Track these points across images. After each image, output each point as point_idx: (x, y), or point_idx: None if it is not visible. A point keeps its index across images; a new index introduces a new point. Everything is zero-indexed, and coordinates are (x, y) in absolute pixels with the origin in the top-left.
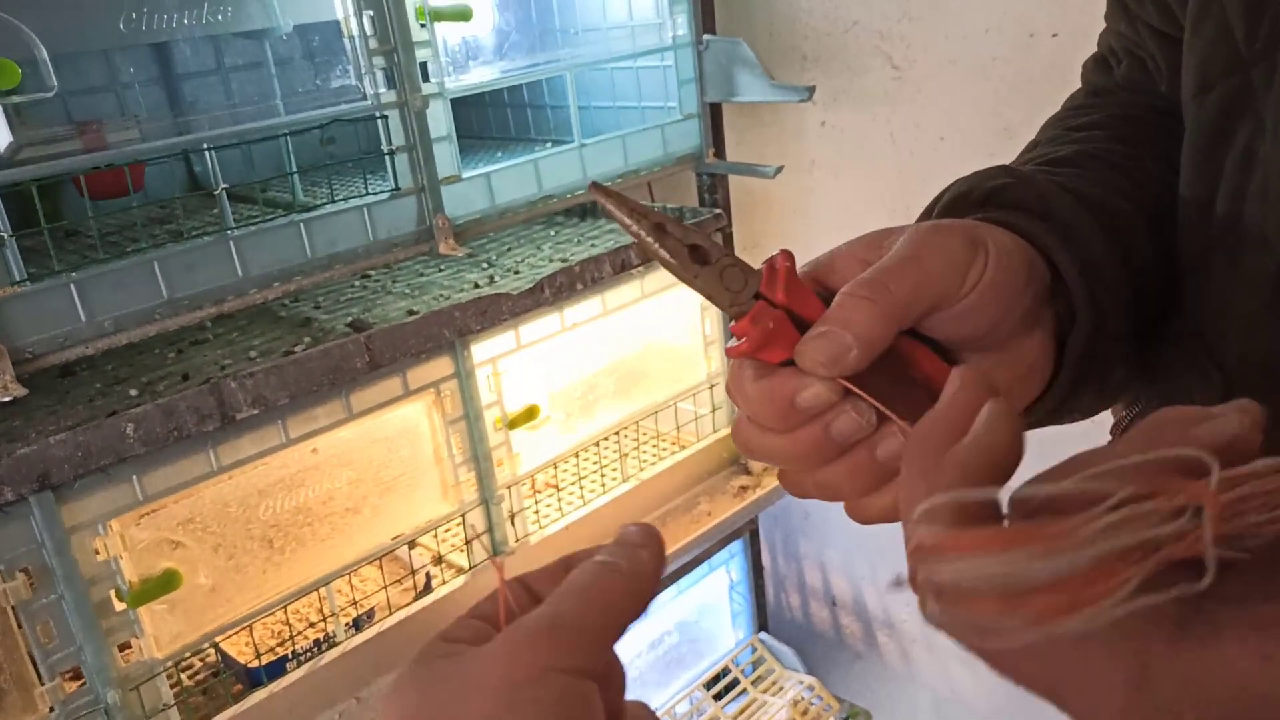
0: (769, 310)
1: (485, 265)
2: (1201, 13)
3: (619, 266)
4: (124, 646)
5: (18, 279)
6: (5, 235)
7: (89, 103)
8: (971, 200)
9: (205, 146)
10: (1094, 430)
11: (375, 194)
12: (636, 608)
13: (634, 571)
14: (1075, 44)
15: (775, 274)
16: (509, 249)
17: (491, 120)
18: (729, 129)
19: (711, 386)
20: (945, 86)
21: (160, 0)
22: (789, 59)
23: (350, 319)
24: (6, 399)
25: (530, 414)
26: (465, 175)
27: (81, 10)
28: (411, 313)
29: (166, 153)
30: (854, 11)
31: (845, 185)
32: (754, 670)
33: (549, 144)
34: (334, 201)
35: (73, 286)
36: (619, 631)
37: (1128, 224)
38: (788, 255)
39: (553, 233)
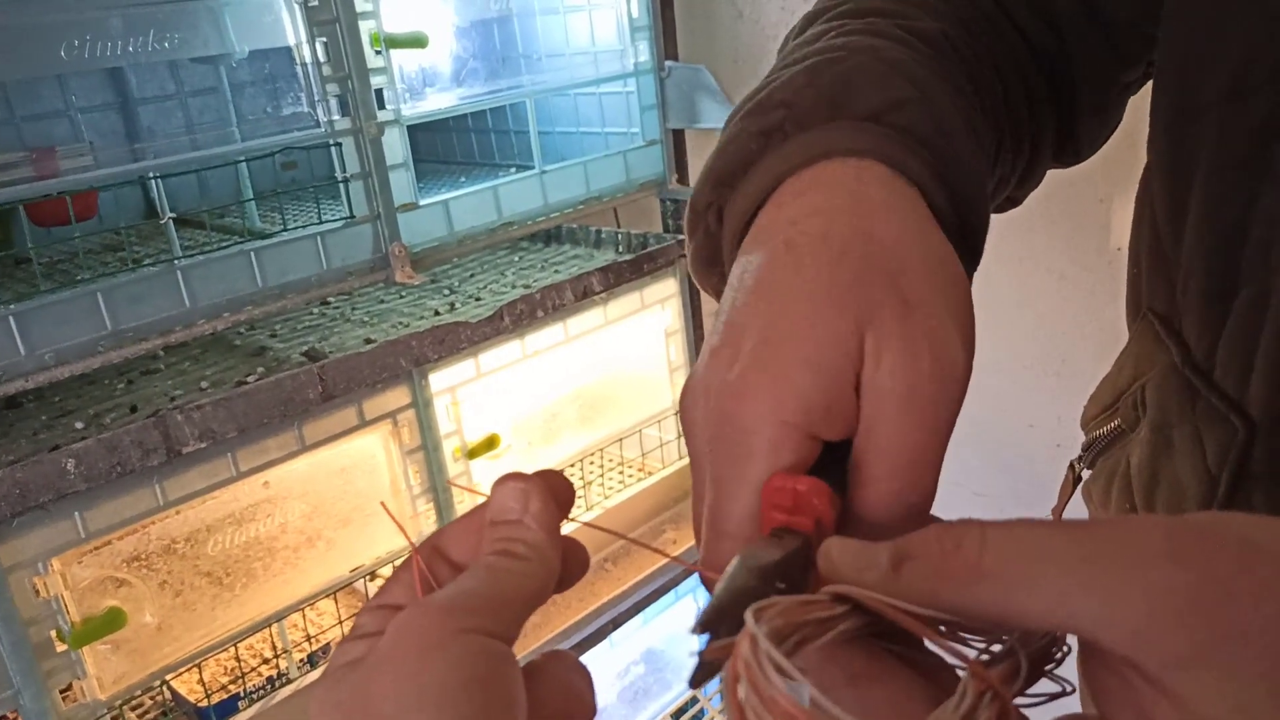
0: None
1: (446, 292)
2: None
3: (580, 294)
4: (65, 689)
5: None
6: None
7: (42, 128)
8: (816, 109)
9: (152, 175)
10: (1060, 455)
11: (329, 222)
12: (546, 587)
13: (538, 557)
14: None
15: (822, 527)
16: (471, 275)
17: (455, 145)
18: (692, 154)
19: (676, 412)
20: None
21: (105, 27)
22: (750, 85)
23: (306, 348)
24: None
25: (491, 443)
26: (422, 203)
27: (21, 36)
28: (369, 341)
29: (114, 181)
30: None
31: None
32: (722, 700)
33: (512, 169)
34: (286, 229)
35: (11, 319)
36: (529, 606)
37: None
38: (794, 489)
39: (516, 258)
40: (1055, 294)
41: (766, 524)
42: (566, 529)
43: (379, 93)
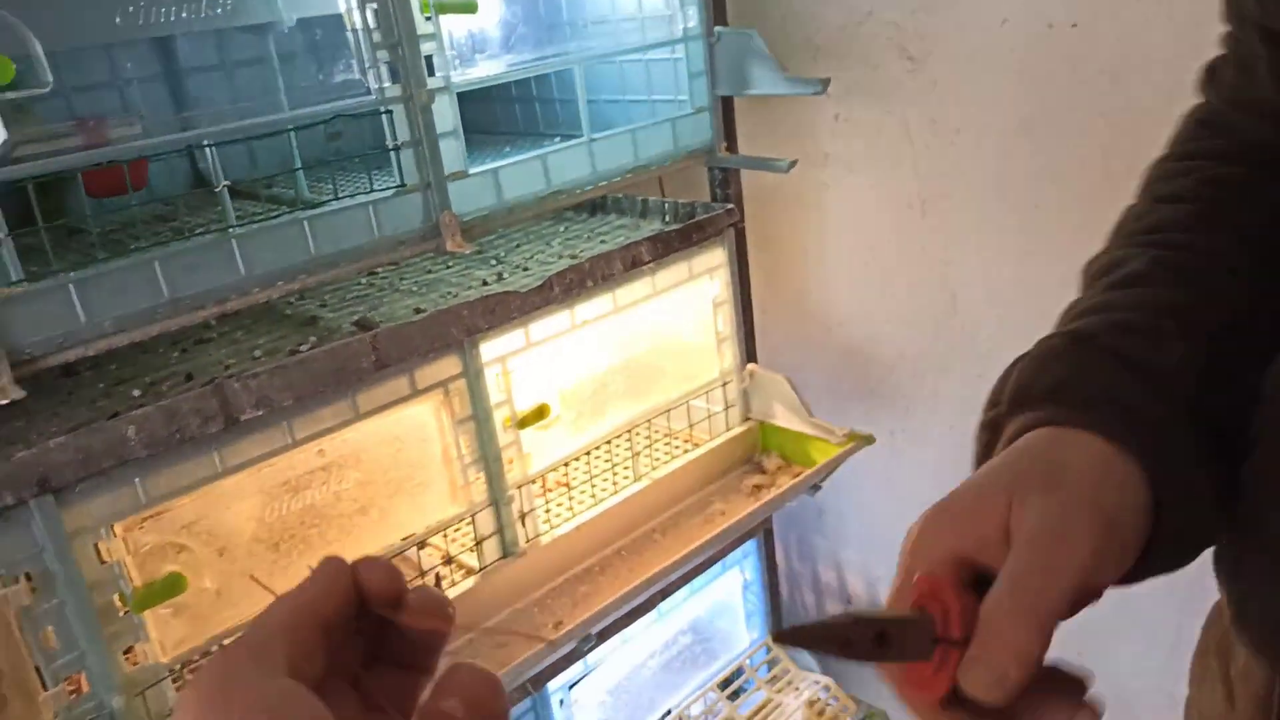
0: (949, 652)
1: (494, 262)
2: None
3: (629, 263)
4: (128, 651)
5: (15, 280)
6: (1, 235)
7: (91, 99)
8: (1034, 395)
9: (206, 143)
10: None
11: (380, 191)
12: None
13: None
14: (1095, 35)
15: (948, 614)
16: (518, 245)
17: (499, 115)
18: (741, 123)
19: (724, 384)
20: (962, 79)
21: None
22: (801, 51)
23: (356, 317)
24: (5, 401)
25: (540, 413)
26: (472, 171)
27: (77, 4)
28: (419, 311)
29: (167, 149)
30: (868, 2)
31: (859, 179)
32: (769, 670)
33: (558, 138)
34: (338, 199)
35: (72, 287)
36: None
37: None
38: (933, 580)
39: (562, 229)
40: None
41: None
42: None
43: (429, 60)
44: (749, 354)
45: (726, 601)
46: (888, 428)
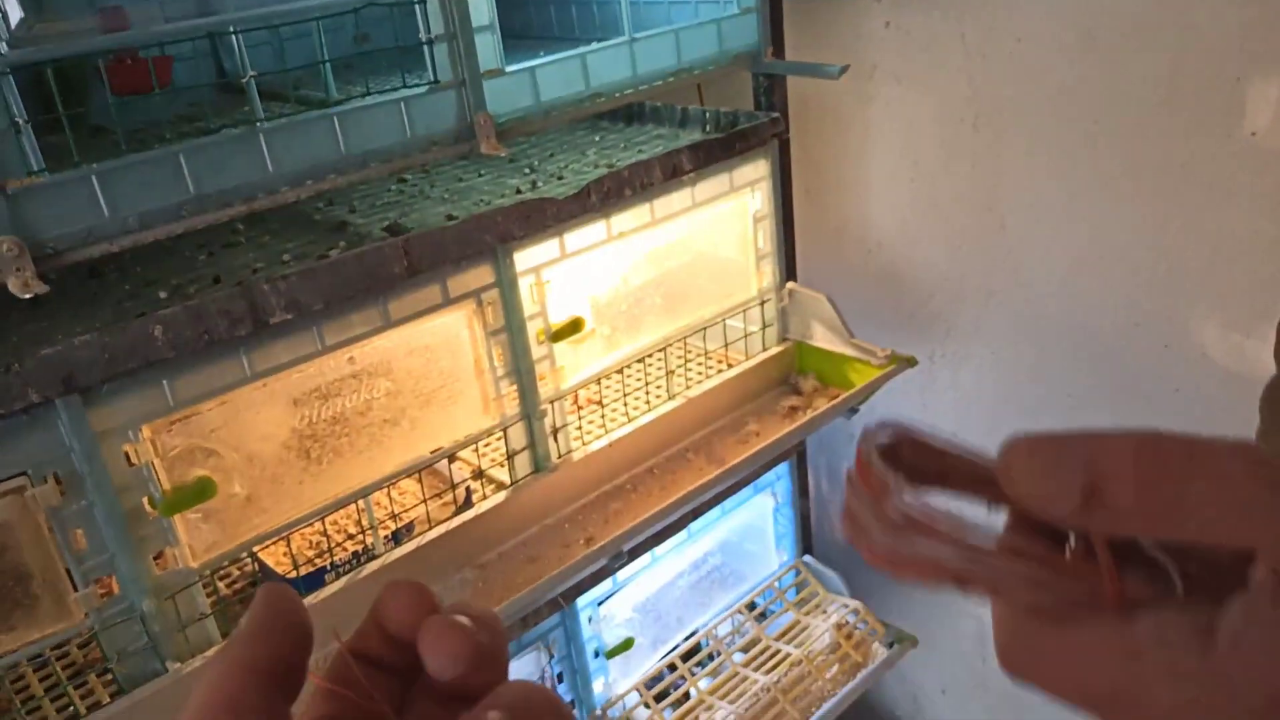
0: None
1: (527, 170)
2: None
3: (670, 172)
4: (158, 555)
5: (35, 170)
6: (20, 121)
7: None
8: None
9: (231, 30)
10: (1169, 356)
11: (413, 87)
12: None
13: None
14: None
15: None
16: (552, 154)
17: (533, 17)
18: (790, 25)
19: (763, 302)
20: None
21: None
22: None
23: (387, 223)
24: (28, 295)
25: (575, 326)
26: (509, 70)
27: None
28: (451, 218)
29: (190, 35)
30: None
31: (909, 92)
32: (797, 593)
33: (594, 44)
34: (369, 94)
35: (94, 179)
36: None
37: None
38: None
39: (598, 138)
40: (1170, 188)
41: None
42: None
43: None
44: (789, 272)
45: (756, 524)
46: (926, 351)
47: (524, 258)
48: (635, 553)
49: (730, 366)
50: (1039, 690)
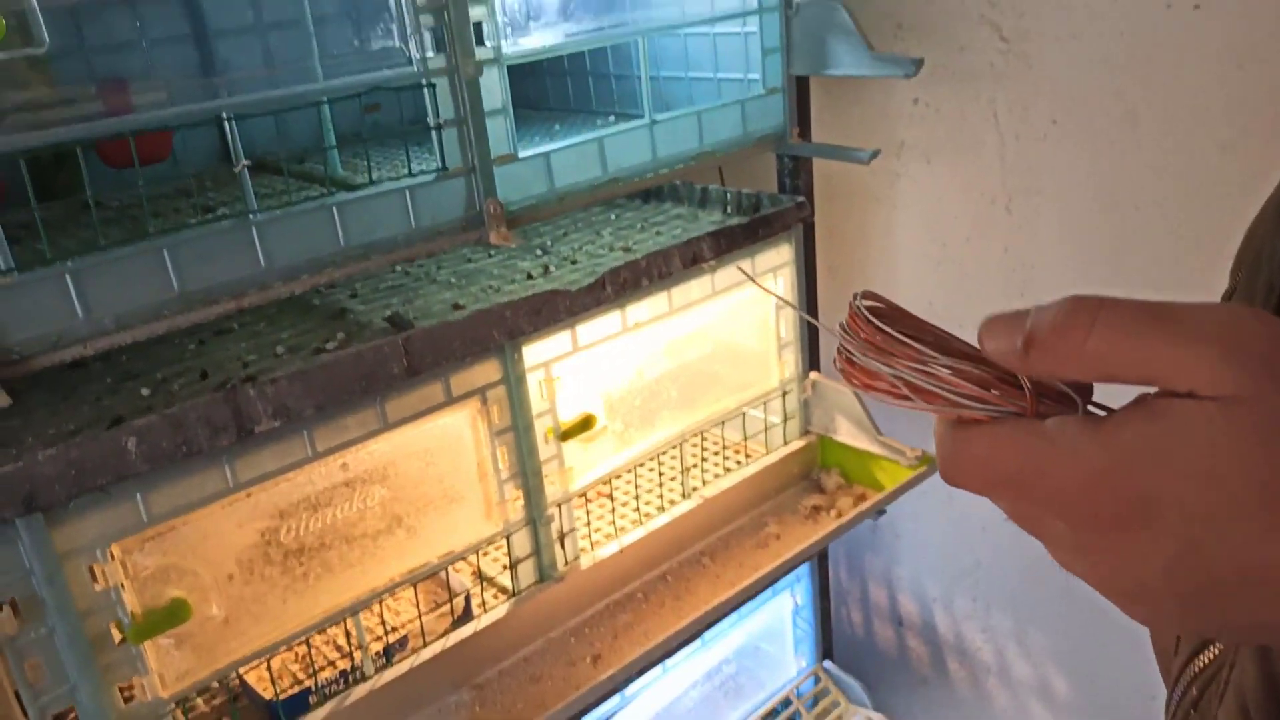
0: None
1: (539, 252)
2: None
3: (689, 260)
4: (125, 686)
5: (3, 269)
6: None
7: (113, 59)
8: None
9: (227, 116)
10: None
11: (419, 175)
12: None
13: None
14: (1221, 17)
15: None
16: (565, 233)
17: (548, 88)
18: (817, 105)
19: (784, 393)
20: (1061, 63)
21: None
22: (881, 26)
23: (389, 312)
24: None
25: (586, 424)
26: (522, 155)
27: None
28: (457, 307)
29: (188, 120)
30: None
31: (939, 170)
32: (816, 703)
33: (612, 116)
34: (373, 182)
35: (68, 277)
36: None
37: None
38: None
39: (613, 216)
40: (1221, 281)
41: None
42: None
43: (478, 27)
44: (812, 362)
45: (775, 626)
46: None
47: (533, 352)
48: (645, 667)
49: (749, 458)
50: (966, 486)
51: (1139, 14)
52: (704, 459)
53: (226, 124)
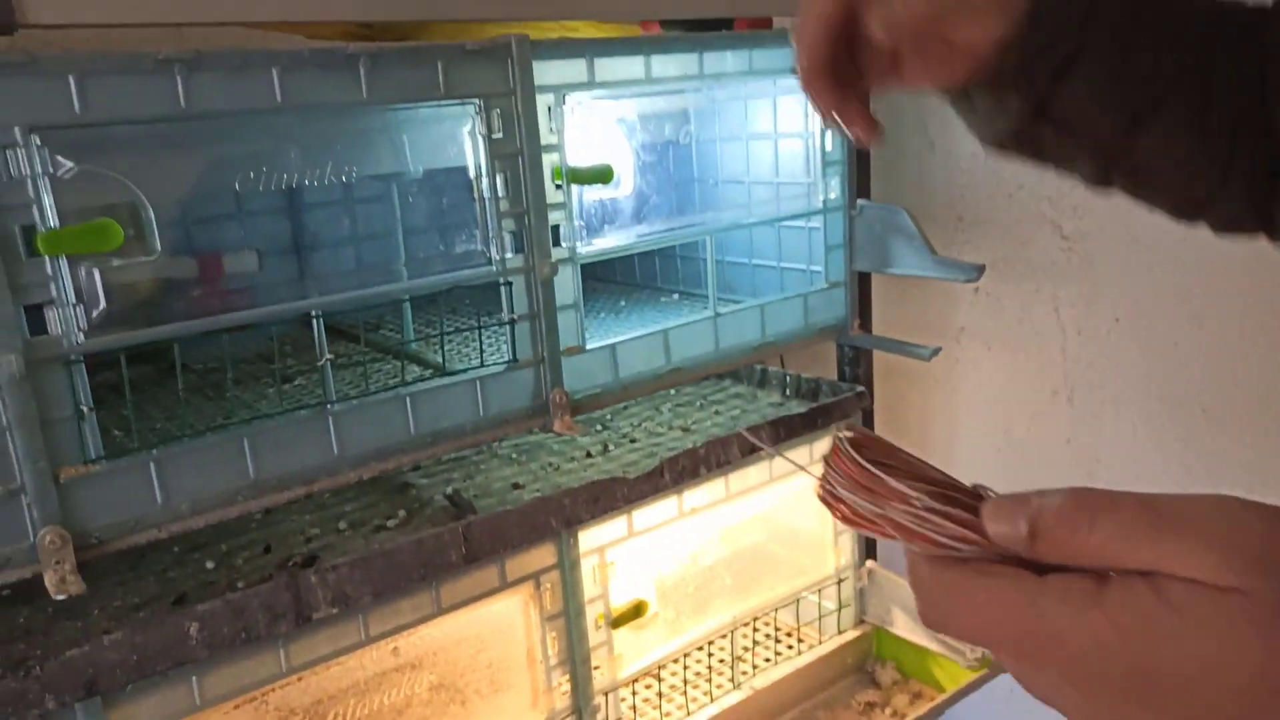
0: None
1: (599, 428)
2: None
3: (748, 449)
4: None
5: (93, 457)
6: (85, 409)
7: (209, 231)
8: None
9: (314, 314)
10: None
11: (490, 366)
12: None
13: None
14: None
15: None
16: (625, 408)
17: (616, 264)
18: (878, 300)
19: (839, 581)
20: (1123, 263)
21: (283, 158)
22: (943, 219)
23: (450, 489)
24: (62, 596)
25: (637, 611)
26: (589, 346)
27: (203, 165)
28: (516, 486)
29: (276, 319)
30: (1020, 174)
31: (1000, 359)
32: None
33: (676, 295)
34: (446, 371)
35: (152, 465)
36: None
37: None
38: None
39: (673, 392)
40: None
41: None
42: None
43: (555, 230)
44: (868, 549)
45: None
46: None
47: (589, 537)
48: None
49: (800, 642)
50: (954, 636)
51: None
52: (755, 641)
53: (314, 321)
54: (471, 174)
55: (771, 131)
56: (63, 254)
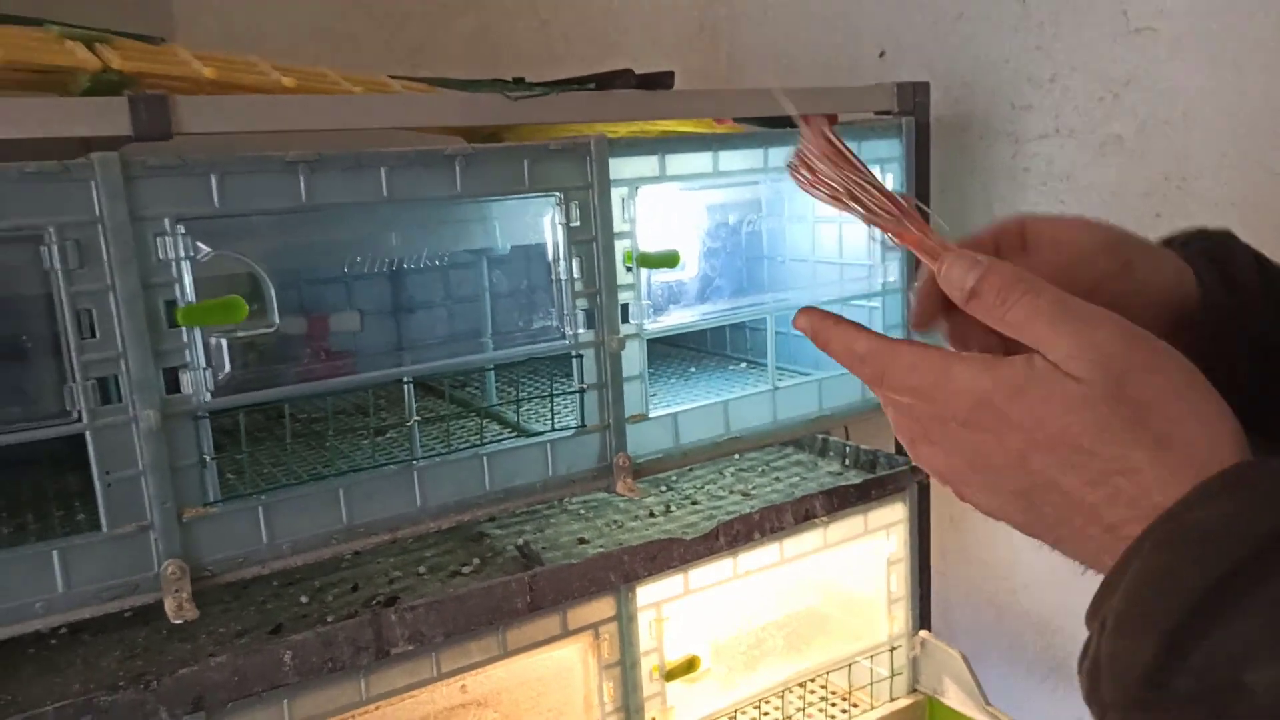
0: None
1: (663, 488)
2: None
3: (801, 516)
4: None
5: (211, 500)
6: (208, 458)
7: (317, 293)
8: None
9: (406, 380)
10: None
11: (561, 430)
12: None
13: None
14: None
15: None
16: (690, 469)
17: (689, 334)
18: None
19: (892, 649)
20: None
21: (384, 242)
22: None
23: (521, 540)
24: (178, 621)
25: (690, 665)
26: (652, 414)
27: (313, 251)
28: (582, 541)
29: (374, 383)
30: None
31: None
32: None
33: (744, 364)
34: (520, 432)
35: (260, 509)
36: None
37: None
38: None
39: (736, 456)
40: None
41: None
42: None
43: (624, 308)
44: (923, 618)
45: None
46: (1074, 713)
47: (646, 592)
48: None
49: (855, 707)
50: (887, 387)
51: None
52: (808, 703)
53: (405, 386)
54: (550, 257)
55: (836, 215)
56: (197, 326)
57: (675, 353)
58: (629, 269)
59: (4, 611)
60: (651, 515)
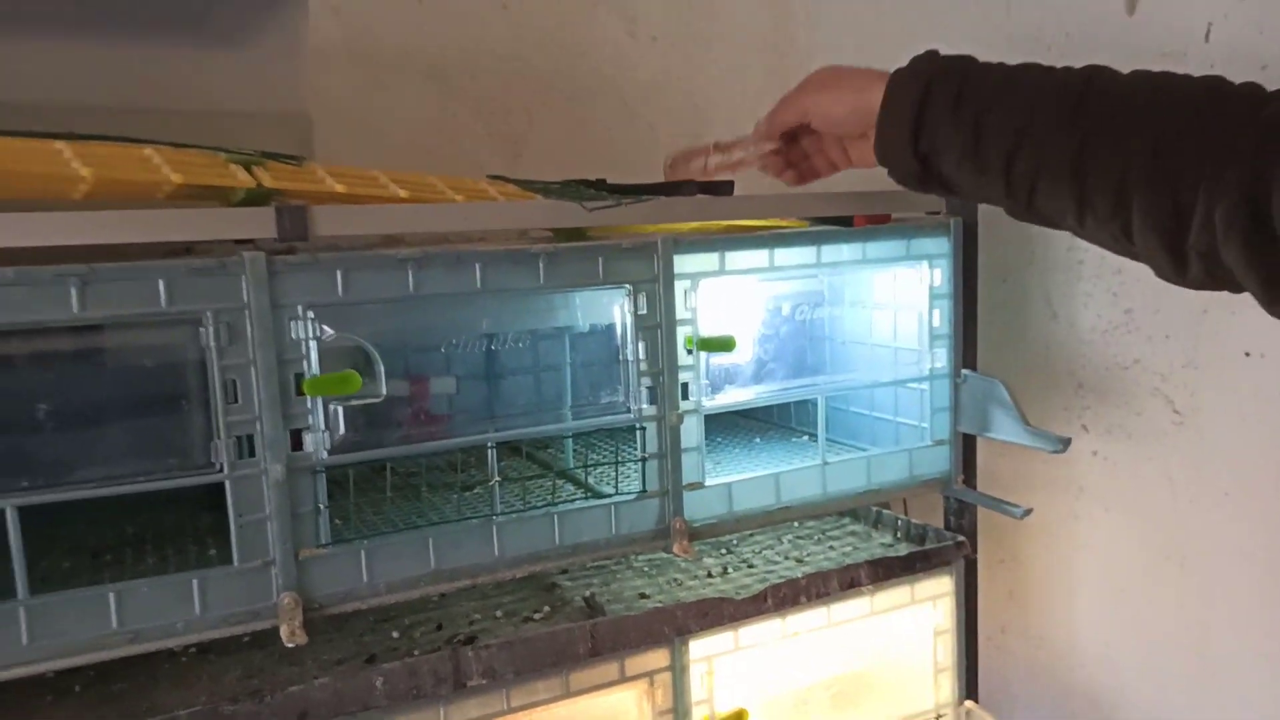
0: None
1: (724, 551)
2: None
3: (847, 584)
4: None
5: (323, 542)
6: (321, 506)
7: (419, 356)
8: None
9: (490, 445)
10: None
11: (624, 494)
12: None
13: None
14: None
15: None
16: (750, 534)
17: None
18: (983, 457)
19: (939, 716)
20: (1234, 441)
21: (478, 325)
22: (1064, 384)
23: (589, 592)
24: (291, 645)
25: (739, 718)
26: (708, 483)
27: (414, 332)
28: (643, 596)
29: (466, 446)
30: (1136, 349)
31: (1116, 520)
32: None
33: (806, 437)
34: (590, 493)
35: (362, 553)
36: None
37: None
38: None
39: (795, 523)
40: None
41: None
42: None
43: (684, 386)
44: (969, 688)
45: None
46: None
47: (699, 646)
48: None
49: None
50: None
51: None
52: None
53: (489, 451)
54: (619, 340)
55: (891, 301)
56: (319, 395)
57: (744, 423)
58: (689, 352)
59: (155, 628)
60: (709, 575)
